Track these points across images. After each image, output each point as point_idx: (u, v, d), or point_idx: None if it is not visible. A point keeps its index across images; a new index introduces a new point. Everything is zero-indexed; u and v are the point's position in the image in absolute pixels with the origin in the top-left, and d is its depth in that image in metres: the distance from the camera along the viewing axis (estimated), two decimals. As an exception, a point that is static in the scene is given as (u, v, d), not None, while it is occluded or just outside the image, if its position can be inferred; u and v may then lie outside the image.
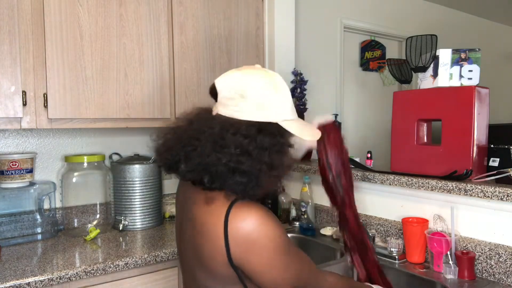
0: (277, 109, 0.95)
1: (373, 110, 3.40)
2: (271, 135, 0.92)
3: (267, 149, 0.90)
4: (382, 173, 1.64)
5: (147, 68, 1.81)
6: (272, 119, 0.94)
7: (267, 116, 0.93)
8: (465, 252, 1.34)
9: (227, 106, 0.94)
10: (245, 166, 0.88)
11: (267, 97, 0.94)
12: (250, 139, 0.89)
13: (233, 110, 0.93)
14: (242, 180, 0.88)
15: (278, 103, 0.95)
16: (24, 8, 1.54)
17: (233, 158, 0.87)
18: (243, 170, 0.88)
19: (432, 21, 3.70)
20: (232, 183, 0.88)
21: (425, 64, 1.59)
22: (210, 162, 0.88)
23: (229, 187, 0.88)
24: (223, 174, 0.88)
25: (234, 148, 0.88)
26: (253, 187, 0.89)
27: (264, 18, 2.24)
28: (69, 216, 1.90)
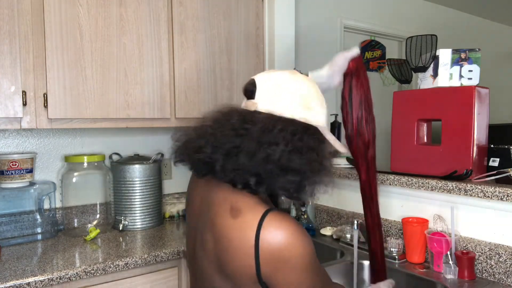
0: (319, 113, 0.91)
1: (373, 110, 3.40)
2: (314, 137, 0.88)
3: (315, 149, 0.86)
4: (382, 173, 1.64)
5: (147, 68, 1.81)
6: (316, 123, 0.90)
7: (311, 117, 0.89)
8: (465, 252, 1.34)
9: (268, 102, 0.88)
10: (297, 164, 0.82)
11: (313, 99, 0.90)
12: (300, 137, 0.84)
13: (276, 106, 0.87)
14: (295, 179, 0.83)
15: (321, 107, 0.92)
16: (24, 8, 1.54)
17: (284, 155, 0.81)
18: (295, 168, 0.82)
19: (432, 21, 3.70)
20: (285, 183, 0.83)
21: (425, 64, 1.59)
22: (258, 161, 0.81)
23: (280, 187, 0.83)
24: (273, 173, 0.82)
25: (284, 144, 0.82)
26: (305, 188, 0.85)
27: (264, 18, 2.24)
28: (69, 216, 1.90)
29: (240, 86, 2.11)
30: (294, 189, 0.84)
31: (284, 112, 0.87)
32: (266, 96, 0.88)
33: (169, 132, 2.23)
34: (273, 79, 0.90)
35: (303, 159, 0.83)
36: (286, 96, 0.88)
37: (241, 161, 0.82)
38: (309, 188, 0.86)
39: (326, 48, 2.99)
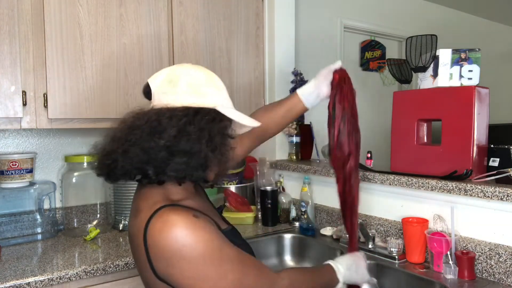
0: (212, 96, 0.94)
1: (373, 110, 3.40)
2: (209, 118, 0.90)
3: (206, 129, 0.88)
4: (382, 173, 1.64)
5: (147, 68, 1.81)
6: (209, 105, 0.92)
7: (203, 101, 0.92)
8: (465, 252, 1.34)
9: (160, 98, 0.92)
10: (183, 145, 0.85)
11: (200, 83, 0.93)
12: (187, 120, 0.87)
13: (167, 100, 0.91)
14: (182, 160, 0.85)
15: (213, 89, 0.95)
16: (24, 8, 1.54)
17: (170, 139, 0.84)
18: (182, 149, 0.85)
19: (432, 21, 3.70)
20: (174, 166, 0.85)
21: (425, 64, 1.59)
22: (148, 150, 0.84)
23: (172, 171, 0.85)
24: (164, 159, 0.85)
25: (170, 129, 0.85)
26: (196, 168, 0.87)
27: (264, 18, 2.24)
28: (69, 216, 1.90)
29: (240, 86, 2.12)
30: (185, 170, 0.86)
31: (174, 102, 0.90)
32: (159, 92, 0.93)
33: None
34: (162, 76, 0.94)
35: (190, 140, 0.85)
36: (174, 88, 0.91)
37: (136, 155, 0.85)
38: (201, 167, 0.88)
39: (326, 48, 2.99)
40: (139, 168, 0.87)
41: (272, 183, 2.08)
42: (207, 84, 0.95)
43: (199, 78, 0.94)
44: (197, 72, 0.96)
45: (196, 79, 0.94)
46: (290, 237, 1.86)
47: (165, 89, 0.92)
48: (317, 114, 2.65)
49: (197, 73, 0.95)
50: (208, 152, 0.87)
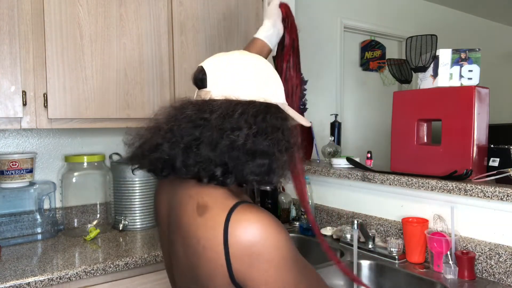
0: (276, 90, 0.87)
1: (373, 110, 3.40)
2: (277, 115, 0.83)
3: (280, 128, 0.81)
4: (382, 173, 1.64)
5: (147, 68, 1.81)
6: (275, 100, 0.85)
7: (270, 96, 0.84)
8: (465, 252, 1.34)
9: (222, 87, 0.82)
10: (264, 146, 0.77)
11: (267, 75, 0.86)
12: (262, 117, 0.79)
13: (231, 91, 0.81)
14: (264, 161, 0.77)
15: (276, 84, 0.88)
16: (24, 8, 1.54)
17: (249, 139, 0.76)
18: (263, 150, 0.77)
19: (432, 21, 3.70)
20: (254, 167, 0.77)
21: (425, 64, 1.59)
22: (222, 150, 0.76)
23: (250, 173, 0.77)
24: (241, 160, 0.76)
25: (247, 128, 0.76)
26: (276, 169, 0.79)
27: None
28: (69, 216, 1.90)
29: (240, 86, 2.11)
30: (265, 173, 0.79)
31: (240, 95, 0.81)
32: (219, 82, 0.82)
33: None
34: (223, 63, 0.84)
35: (269, 140, 0.78)
36: (240, 78, 0.82)
37: (203, 153, 0.76)
38: (279, 169, 0.81)
39: (326, 48, 2.99)
40: (203, 167, 0.77)
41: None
42: (272, 77, 0.87)
43: (264, 69, 0.86)
44: (260, 61, 0.87)
45: (262, 69, 0.86)
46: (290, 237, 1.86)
47: (228, 77, 0.82)
48: (317, 114, 2.66)
49: (261, 63, 0.87)
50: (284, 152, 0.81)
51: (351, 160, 1.83)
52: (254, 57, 0.88)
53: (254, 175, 0.78)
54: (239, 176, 0.78)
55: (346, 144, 3.06)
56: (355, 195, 1.81)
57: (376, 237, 1.63)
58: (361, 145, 3.24)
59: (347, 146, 3.10)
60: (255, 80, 0.83)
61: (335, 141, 2.17)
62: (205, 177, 0.78)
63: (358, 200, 1.80)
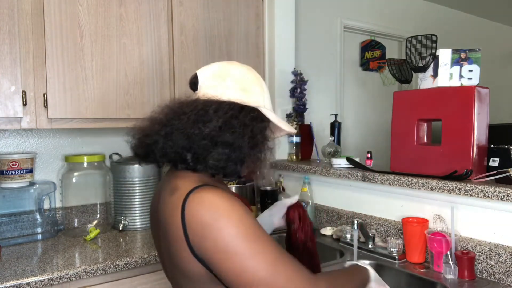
0: (258, 95, 0.98)
1: (373, 110, 3.40)
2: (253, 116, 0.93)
3: (249, 126, 0.91)
4: (382, 173, 1.64)
5: (147, 68, 1.81)
6: (253, 104, 0.96)
7: (249, 99, 0.95)
8: (465, 252, 1.34)
9: (207, 90, 0.95)
10: (227, 137, 0.88)
11: (249, 82, 0.97)
12: (233, 114, 0.90)
13: (214, 92, 0.94)
14: (224, 151, 0.88)
15: (259, 89, 0.98)
16: (24, 8, 1.54)
17: (215, 130, 0.88)
18: (225, 141, 0.88)
19: (432, 21, 3.70)
20: (215, 155, 0.88)
21: (425, 64, 1.59)
22: (192, 136, 0.87)
23: (213, 160, 0.88)
24: (206, 147, 0.87)
25: (216, 121, 0.88)
26: (235, 161, 0.89)
27: (264, 18, 2.24)
28: (69, 216, 1.90)
29: (240, 86, 2.11)
30: (224, 161, 0.88)
31: (221, 96, 0.93)
32: (206, 85, 0.96)
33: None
34: (211, 70, 0.98)
35: (234, 133, 0.89)
36: (223, 82, 0.95)
37: (179, 141, 0.88)
38: (239, 161, 0.91)
39: (326, 48, 2.99)
40: (178, 153, 0.89)
41: (272, 183, 2.08)
42: (254, 84, 0.99)
43: (247, 77, 0.99)
44: (245, 70, 1.00)
45: (244, 77, 0.98)
46: (290, 237, 1.86)
47: (213, 82, 0.96)
48: (317, 114, 2.66)
49: (245, 72, 1.00)
50: (248, 148, 0.91)
51: (351, 160, 1.83)
52: (239, 65, 1.01)
53: (215, 161, 0.88)
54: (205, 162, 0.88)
55: (346, 144, 3.06)
56: (355, 195, 1.81)
57: (376, 237, 1.63)
58: (361, 145, 3.24)
59: (347, 146, 3.09)
60: (235, 85, 0.95)
61: (335, 141, 2.17)
62: (179, 162, 0.90)
63: (358, 200, 1.80)
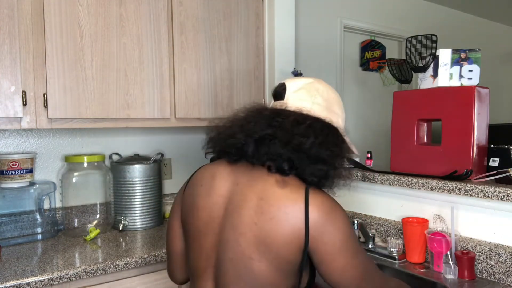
0: (340, 116, 1.03)
1: (373, 110, 3.40)
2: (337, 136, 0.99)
3: (338, 145, 0.96)
4: (382, 173, 1.64)
5: (147, 68, 1.81)
6: (336, 124, 1.00)
7: (334, 119, 1.00)
8: (465, 252, 1.34)
9: (296, 102, 0.98)
10: (325, 155, 0.92)
11: (334, 102, 1.02)
12: (326, 133, 0.95)
13: (302, 105, 0.97)
14: (323, 167, 0.92)
15: (341, 111, 1.04)
16: (24, 8, 1.54)
17: (314, 146, 0.91)
18: (323, 158, 0.92)
19: (432, 21, 3.70)
20: (314, 170, 0.92)
21: (425, 64, 1.59)
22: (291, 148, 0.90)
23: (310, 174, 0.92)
24: (304, 161, 0.91)
25: (314, 137, 0.92)
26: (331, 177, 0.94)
27: (264, 18, 2.24)
28: (69, 216, 1.90)
29: (240, 86, 2.12)
30: (322, 177, 0.93)
31: (311, 111, 0.97)
32: (294, 97, 0.99)
33: (169, 132, 2.23)
34: (300, 84, 1.01)
35: (328, 152, 0.93)
36: (313, 98, 0.98)
37: (275, 148, 0.92)
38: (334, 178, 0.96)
39: (326, 48, 2.99)
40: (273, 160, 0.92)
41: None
42: (339, 105, 1.04)
43: (334, 97, 1.03)
44: (332, 91, 1.04)
45: (332, 97, 1.02)
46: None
47: (303, 96, 0.99)
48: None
49: (332, 92, 1.04)
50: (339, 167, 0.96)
51: (351, 160, 1.83)
52: (327, 85, 1.05)
53: (313, 176, 0.92)
54: (301, 173, 0.93)
55: (346, 144, 3.05)
56: (355, 195, 1.81)
57: (376, 237, 1.63)
58: (361, 145, 3.22)
59: (347, 146, 3.09)
60: (324, 103, 0.99)
61: (335, 141, 2.16)
62: (274, 168, 0.93)
63: (358, 200, 1.80)
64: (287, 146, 0.91)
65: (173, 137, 2.26)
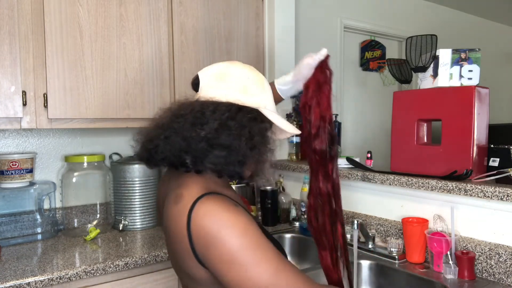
0: (259, 96, 0.96)
1: (373, 110, 3.40)
2: (251, 117, 0.92)
3: (247, 127, 0.90)
4: (382, 173, 1.64)
5: (147, 68, 1.81)
6: (254, 105, 0.94)
7: (249, 100, 0.94)
8: (465, 252, 1.34)
9: (207, 91, 0.95)
10: (223, 139, 0.88)
11: (249, 83, 0.96)
12: (229, 115, 0.89)
13: (214, 93, 0.94)
14: (221, 153, 0.88)
15: (259, 90, 0.97)
16: (24, 8, 1.54)
17: (211, 132, 0.87)
18: (221, 143, 0.87)
19: (432, 21, 3.70)
20: (213, 158, 0.88)
21: (425, 64, 1.59)
22: (189, 139, 0.87)
23: (210, 163, 0.88)
24: (203, 150, 0.87)
25: (212, 122, 0.88)
26: (234, 163, 0.89)
27: (264, 18, 2.24)
28: (69, 216, 1.90)
29: (240, 86, 2.11)
30: (222, 164, 0.88)
31: (220, 97, 0.93)
32: (206, 86, 0.96)
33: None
34: (212, 70, 0.98)
35: (231, 135, 0.88)
36: (222, 83, 0.95)
37: (176, 143, 0.88)
38: (239, 163, 0.90)
39: (326, 48, 2.98)
40: (177, 156, 0.89)
41: (272, 183, 2.08)
42: (255, 84, 0.97)
43: (248, 77, 0.97)
44: (246, 71, 0.99)
45: (245, 77, 0.97)
46: (290, 237, 1.86)
47: (213, 83, 0.95)
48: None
49: (246, 72, 0.98)
50: (247, 149, 0.89)
51: (351, 160, 1.83)
52: (239, 66, 1.00)
53: (212, 164, 0.88)
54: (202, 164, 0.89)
55: (346, 144, 3.06)
56: (355, 195, 1.81)
57: (376, 237, 1.63)
58: (361, 145, 3.24)
59: (347, 146, 3.09)
60: (234, 85, 0.95)
61: (335, 141, 2.16)
62: (178, 164, 0.90)
63: (358, 200, 1.80)
64: (186, 139, 0.88)
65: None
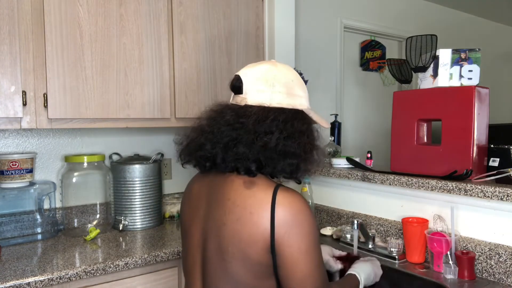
0: (301, 98, 1.01)
1: (373, 110, 3.40)
2: (302, 121, 0.98)
3: (305, 132, 0.96)
4: (382, 173, 1.64)
5: (147, 68, 1.81)
6: (299, 107, 1.00)
7: (296, 103, 0.99)
8: (465, 252, 1.34)
9: (256, 94, 0.97)
10: (293, 148, 0.92)
11: (293, 85, 1.00)
12: (291, 123, 0.94)
13: (262, 98, 0.96)
14: (293, 161, 0.93)
15: (302, 90, 1.02)
16: (24, 8, 1.54)
17: (280, 142, 0.91)
18: (292, 152, 0.92)
19: (432, 21, 3.70)
20: (284, 166, 0.92)
21: (425, 64, 1.59)
22: (256, 149, 0.91)
23: (281, 170, 0.93)
24: (273, 158, 0.91)
25: (278, 132, 0.92)
26: (303, 169, 0.95)
27: (264, 18, 2.23)
28: (69, 216, 1.90)
29: (240, 86, 2.12)
30: (293, 171, 0.94)
31: (272, 102, 0.96)
32: (253, 89, 0.97)
33: (169, 132, 2.23)
34: (257, 74, 0.99)
35: (296, 143, 0.93)
36: (271, 88, 0.97)
37: (240, 151, 0.92)
38: (305, 168, 0.96)
39: (326, 48, 2.99)
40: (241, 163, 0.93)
41: (272, 183, 2.08)
42: (297, 85, 1.01)
43: (292, 80, 1.00)
44: (290, 72, 1.02)
45: (290, 80, 1.00)
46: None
47: (261, 87, 0.97)
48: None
49: (290, 75, 1.01)
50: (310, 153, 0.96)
51: (351, 160, 1.83)
52: (284, 68, 1.02)
53: (284, 172, 0.94)
54: (271, 171, 0.94)
55: (346, 144, 3.06)
56: (355, 195, 1.81)
57: (376, 237, 1.63)
58: (361, 145, 3.24)
59: (347, 146, 3.09)
60: (284, 89, 0.97)
61: (335, 141, 2.17)
62: (242, 170, 0.94)
63: (358, 200, 1.80)
64: (252, 147, 0.91)
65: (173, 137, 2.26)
